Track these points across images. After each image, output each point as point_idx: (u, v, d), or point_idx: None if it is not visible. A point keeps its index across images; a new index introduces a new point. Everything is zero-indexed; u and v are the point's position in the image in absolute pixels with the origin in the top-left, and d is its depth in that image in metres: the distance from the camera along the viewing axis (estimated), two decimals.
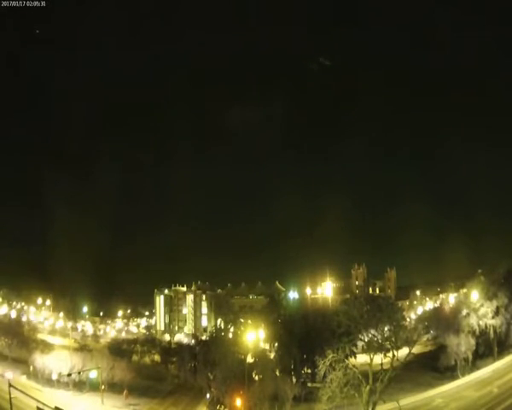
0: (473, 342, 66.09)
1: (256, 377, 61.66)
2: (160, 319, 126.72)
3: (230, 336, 73.26)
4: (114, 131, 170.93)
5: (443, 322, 71.32)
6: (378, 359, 56.97)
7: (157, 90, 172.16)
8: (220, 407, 59.88)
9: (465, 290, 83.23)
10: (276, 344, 71.13)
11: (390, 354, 54.97)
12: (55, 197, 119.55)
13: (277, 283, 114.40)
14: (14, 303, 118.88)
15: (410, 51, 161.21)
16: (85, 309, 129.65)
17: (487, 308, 68.68)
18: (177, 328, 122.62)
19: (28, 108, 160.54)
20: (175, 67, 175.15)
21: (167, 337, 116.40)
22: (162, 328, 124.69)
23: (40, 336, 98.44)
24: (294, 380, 64.33)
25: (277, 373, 63.05)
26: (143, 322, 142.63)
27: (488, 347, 69.55)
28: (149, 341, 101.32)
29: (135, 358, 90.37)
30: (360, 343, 60.39)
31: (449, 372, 65.97)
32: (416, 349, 64.14)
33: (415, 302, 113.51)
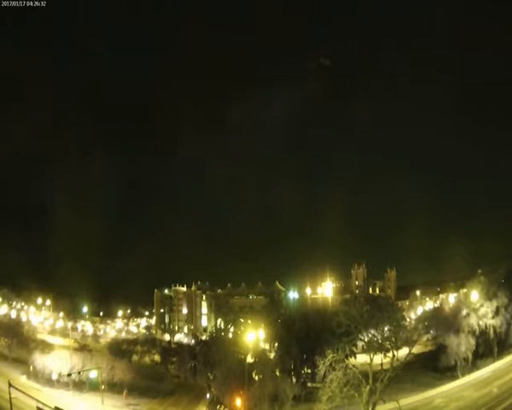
0: (473, 342, 66.12)
1: (256, 377, 61.72)
2: (159, 318, 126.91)
3: (230, 336, 73.29)
4: (113, 131, 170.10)
5: (443, 322, 71.25)
6: (378, 359, 57.04)
7: (156, 89, 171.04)
8: (220, 407, 60.01)
9: (465, 290, 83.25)
10: (276, 344, 71.20)
11: (390, 354, 55.09)
12: (55, 197, 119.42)
13: (277, 283, 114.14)
14: (14, 303, 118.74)
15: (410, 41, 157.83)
16: (85, 309, 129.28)
17: (487, 308, 68.77)
18: (177, 328, 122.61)
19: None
20: (174, 65, 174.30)
21: (167, 337, 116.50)
22: (162, 328, 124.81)
23: (40, 336, 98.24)
24: (294, 380, 64.35)
25: (277, 373, 63.06)
26: (143, 322, 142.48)
27: (488, 347, 69.60)
28: (149, 341, 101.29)
29: (135, 358, 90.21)
30: (360, 343, 60.42)
31: (449, 372, 66.01)
32: (416, 349, 64.26)
33: (415, 302, 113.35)
